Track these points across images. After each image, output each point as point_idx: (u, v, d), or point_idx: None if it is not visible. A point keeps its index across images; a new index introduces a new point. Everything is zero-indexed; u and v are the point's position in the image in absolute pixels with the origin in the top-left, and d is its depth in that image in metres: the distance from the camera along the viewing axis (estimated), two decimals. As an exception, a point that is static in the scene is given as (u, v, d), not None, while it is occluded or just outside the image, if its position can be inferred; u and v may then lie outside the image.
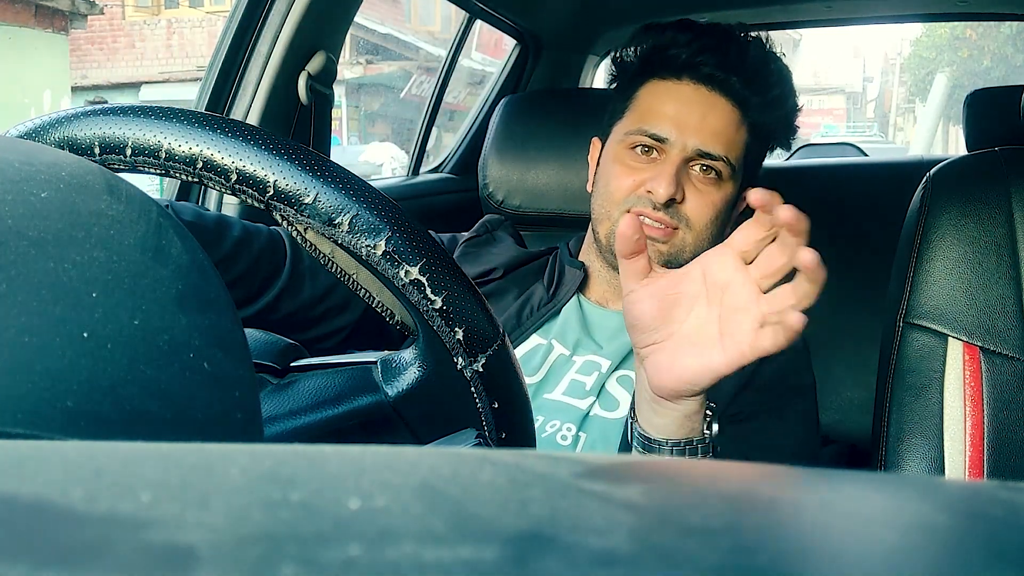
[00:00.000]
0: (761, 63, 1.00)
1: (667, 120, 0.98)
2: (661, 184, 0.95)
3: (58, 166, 0.30)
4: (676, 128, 0.98)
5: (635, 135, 1.00)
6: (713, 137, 0.98)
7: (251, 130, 0.44)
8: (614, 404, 0.97)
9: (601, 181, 1.04)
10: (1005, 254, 1.03)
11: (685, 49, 0.98)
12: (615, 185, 1.00)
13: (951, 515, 0.16)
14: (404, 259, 0.44)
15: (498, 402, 0.49)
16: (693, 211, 0.98)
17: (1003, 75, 19.50)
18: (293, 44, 1.20)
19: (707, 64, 0.98)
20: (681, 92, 0.99)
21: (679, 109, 0.98)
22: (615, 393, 0.98)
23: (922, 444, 1.02)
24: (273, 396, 0.53)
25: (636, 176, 0.99)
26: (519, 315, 1.03)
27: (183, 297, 0.29)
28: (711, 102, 0.98)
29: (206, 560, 0.12)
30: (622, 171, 1.00)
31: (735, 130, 0.99)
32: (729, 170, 0.99)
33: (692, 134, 0.97)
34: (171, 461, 0.16)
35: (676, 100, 0.99)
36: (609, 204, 1.01)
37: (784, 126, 1.04)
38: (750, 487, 0.17)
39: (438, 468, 0.17)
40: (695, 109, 0.98)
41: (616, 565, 0.13)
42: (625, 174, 1.00)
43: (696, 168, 0.98)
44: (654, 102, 1.00)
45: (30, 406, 0.24)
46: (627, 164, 1.00)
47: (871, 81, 35.70)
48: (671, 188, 0.95)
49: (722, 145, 0.98)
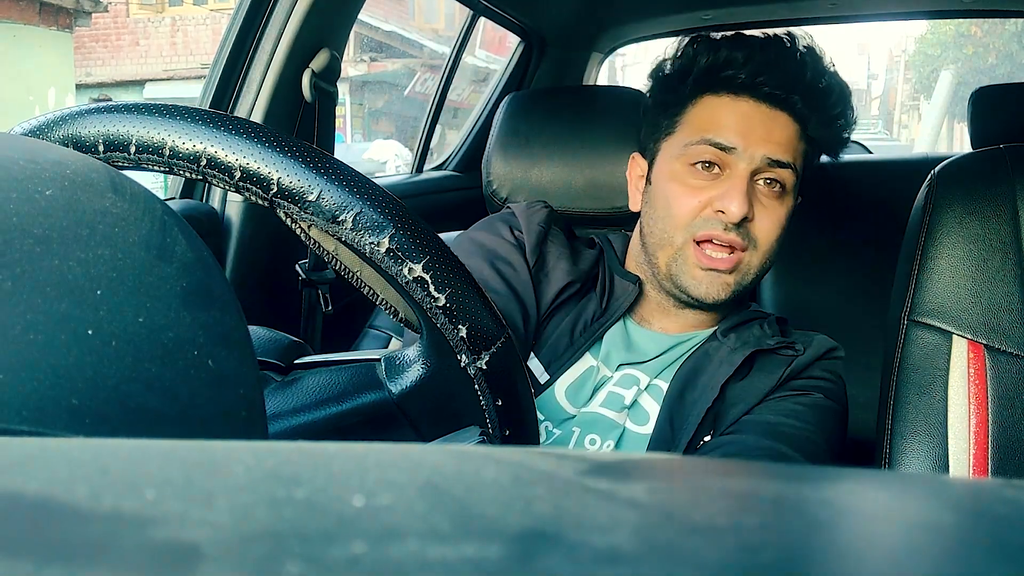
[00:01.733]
0: (819, 78, 0.96)
1: (732, 131, 0.93)
2: (734, 201, 0.90)
3: (62, 164, 0.30)
4: (743, 138, 0.92)
5: (698, 146, 0.93)
6: (780, 146, 0.93)
7: (255, 128, 0.44)
8: (644, 418, 0.94)
9: (659, 203, 0.97)
10: (1010, 252, 1.03)
11: (743, 69, 0.93)
12: (678, 206, 0.94)
13: (956, 513, 0.16)
14: (408, 256, 0.44)
15: (502, 400, 0.49)
16: (762, 230, 0.93)
17: (1008, 72, 19.44)
18: (297, 42, 1.20)
19: (767, 84, 0.93)
20: (741, 108, 0.94)
21: (743, 122, 0.93)
22: (646, 405, 0.95)
23: (926, 442, 1.02)
24: (277, 393, 0.53)
25: (701, 195, 0.92)
26: (572, 332, 0.97)
27: (187, 295, 0.29)
28: (773, 116, 0.94)
29: (210, 557, 0.12)
30: (684, 191, 0.94)
31: (797, 140, 0.95)
32: (794, 180, 0.95)
33: (760, 144, 0.92)
34: (175, 458, 0.16)
35: (738, 114, 0.94)
36: (672, 228, 0.94)
37: (840, 141, 1.01)
38: (754, 485, 0.17)
39: (442, 466, 0.17)
40: (759, 122, 0.93)
41: (620, 563, 0.13)
42: (688, 194, 0.93)
43: (761, 182, 0.93)
44: (714, 115, 0.95)
45: (35, 403, 0.24)
46: (688, 183, 0.94)
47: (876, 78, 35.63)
48: (744, 205, 0.90)
49: (790, 152, 0.94)
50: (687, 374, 0.94)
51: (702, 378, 0.93)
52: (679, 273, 0.95)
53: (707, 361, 0.95)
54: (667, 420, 0.92)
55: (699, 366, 0.95)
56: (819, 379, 0.95)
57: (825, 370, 0.97)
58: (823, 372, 0.96)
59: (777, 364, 0.95)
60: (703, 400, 0.91)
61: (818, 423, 0.91)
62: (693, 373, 0.94)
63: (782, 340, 0.97)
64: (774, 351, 0.96)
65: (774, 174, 0.93)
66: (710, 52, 0.96)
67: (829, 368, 0.97)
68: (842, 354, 1.00)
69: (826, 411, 0.93)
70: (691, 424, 0.90)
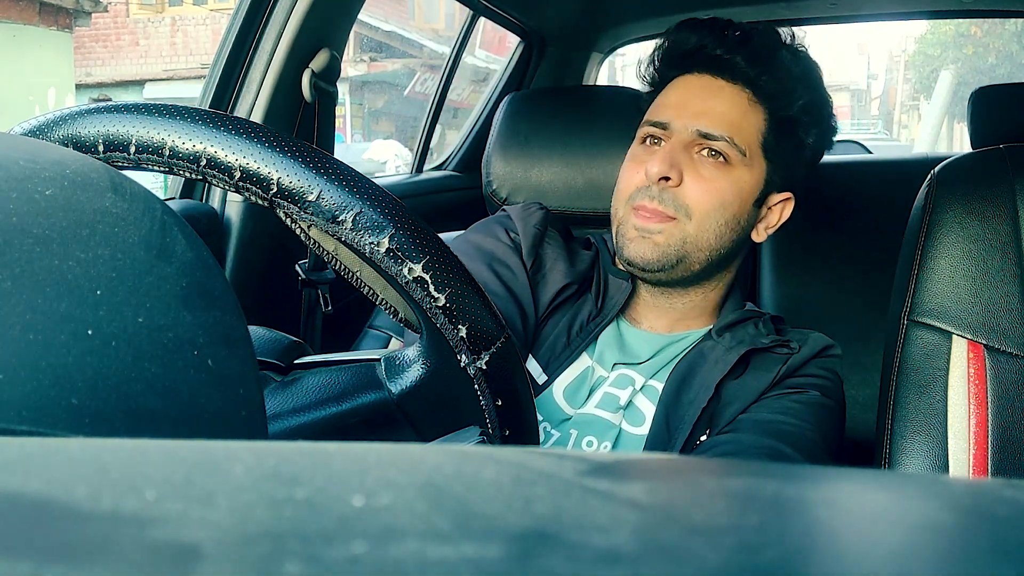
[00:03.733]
0: (770, 46, 0.98)
1: (668, 107, 0.98)
2: (653, 164, 0.93)
3: (62, 164, 0.30)
4: (676, 112, 0.96)
5: (643, 127, 0.99)
6: (715, 118, 0.95)
7: (255, 127, 0.44)
8: (640, 419, 0.95)
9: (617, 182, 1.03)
10: (1010, 252, 1.03)
11: (687, 41, 0.98)
12: (623, 180, 0.99)
13: (956, 513, 0.16)
14: (407, 256, 0.44)
15: (501, 399, 0.49)
16: (693, 196, 0.94)
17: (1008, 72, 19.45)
18: (297, 42, 1.20)
19: (709, 51, 0.96)
20: (688, 83, 0.98)
21: (683, 96, 0.98)
22: (641, 406, 0.96)
23: (926, 442, 1.02)
24: (277, 393, 0.53)
25: (640, 169, 0.96)
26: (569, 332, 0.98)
27: (187, 294, 0.29)
28: (716, 86, 0.97)
29: (210, 557, 0.12)
30: (630, 166, 0.99)
31: (743, 113, 0.96)
32: (737, 153, 0.94)
33: (692, 117, 0.95)
34: (175, 458, 0.16)
35: (682, 90, 0.98)
36: (618, 202, 1.00)
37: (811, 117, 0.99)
38: (754, 485, 0.17)
39: (442, 466, 0.17)
40: (698, 95, 0.97)
41: (620, 563, 0.13)
42: (632, 168, 0.98)
43: (704, 152, 0.95)
44: (663, 97, 1.00)
45: (35, 403, 0.24)
46: (635, 158, 0.99)
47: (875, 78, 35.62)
48: (663, 166, 0.92)
49: (725, 126, 0.94)
50: (682, 374, 0.95)
51: (697, 378, 0.94)
52: (620, 238, 0.98)
53: (702, 361, 0.95)
54: (663, 420, 0.92)
55: (694, 366, 0.95)
56: (815, 377, 0.95)
57: (821, 368, 0.97)
58: (819, 370, 0.96)
59: (773, 362, 0.95)
60: (699, 400, 0.91)
61: (815, 421, 0.91)
62: (688, 373, 0.94)
63: (777, 339, 0.97)
64: (769, 349, 0.96)
65: (707, 145, 0.95)
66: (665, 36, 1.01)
67: (825, 366, 0.97)
68: (838, 352, 1.00)
69: (823, 409, 0.93)
70: (687, 424, 0.91)
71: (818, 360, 0.97)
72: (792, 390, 0.93)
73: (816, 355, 0.97)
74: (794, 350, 0.96)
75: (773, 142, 0.98)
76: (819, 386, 0.95)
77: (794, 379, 0.95)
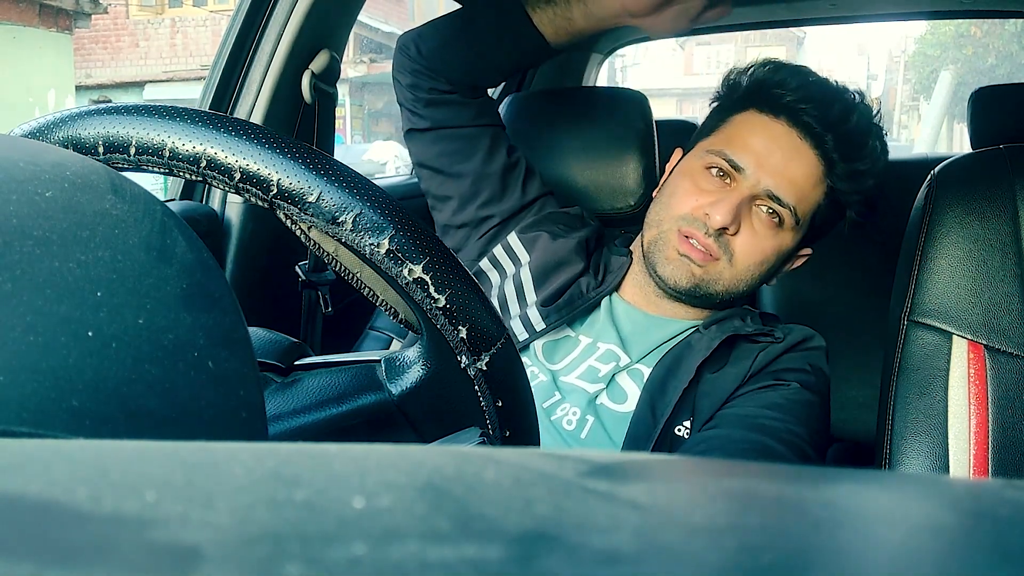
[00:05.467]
0: (861, 132, 0.98)
1: (750, 152, 0.97)
2: (719, 211, 0.94)
3: (62, 165, 0.30)
4: (756, 162, 0.96)
5: (714, 156, 0.98)
6: (789, 184, 0.96)
7: (255, 129, 0.44)
8: (622, 396, 0.97)
9: (667, 191, 1.03)
10: (1010, 252, 1.03)
11: (792, 92, 0.97)
12: (677, 200, 1.00)
13: (956, 514, 0.16)
14: (407, 257, 0.44)
15: (502, 400, 0.49)
16: (741, 247, 0.97)
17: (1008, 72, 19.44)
18: (297, 43, 1.20)
19: (807, 113, 0.96)
20: (774, 130, 0.97)
21: (766, 145, 0.97)
22: (624, 385, 0.98)
23: (926, 442, 1.02)
24: (277, 394, 0.53)
25: (701, 199, 0.97)
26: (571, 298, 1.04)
27: (188, 296, 0.29)
28: (799, 149, 0.97)
29: (210, 559, 0.12)
30: (689, 188, 0.99)
31: (813, 185, 0.97)
32: (793, 221, 0.97)
33: (769, 173, 0.96)
34: (175, 460, 0.16)
35: (766, 136, 0.97)
36: (664, 214, 1.01)
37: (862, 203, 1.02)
38: (755, 486, 0.17)
39: (442, 467, 0.17)
40: (781, 150, 0.96)
41: (621, 564, 0.13)
42: (691, 192, 0.99)
43: (763, 208, 0.97)
44: (744, 131, 0.99)
45: (35, 405, 0.24)
46: (696, 183, 0.99)
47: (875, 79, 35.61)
48: (728, 218, 0.94)
49: (795, 195, 0.96)
50: (669, 363, 0.97)
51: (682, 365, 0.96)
52: (656, 251, 1.01)
53: (689, 351, 0.98)
54: (648, 405, 0.94)
55: (681, 355, 0.98)
56: (796, 370, 0.97)
57: (803, 360, 0.99)
58: (801, 363, 0.98)
59: (752, 351, 0.98)
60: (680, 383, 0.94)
61: (797, 415, 0.93)
62: (675, 362, 0.97)
63: (761, 328, 1.00)
64: (751, 339, 0.99)
65: (771, 206, 0.96)
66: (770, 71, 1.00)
67: (807, 359, 0.99)
68: (821, 344, 1.02)
69: (804, 403, 0.95)
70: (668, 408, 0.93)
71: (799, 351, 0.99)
72: (774, 383, 0.95)
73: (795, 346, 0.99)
74: (777, 340, 0.99)
75: (823, 217, 1.01)
76: (801, 379, 0.96)
77: (775, 370, 0.96)
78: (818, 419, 0.95)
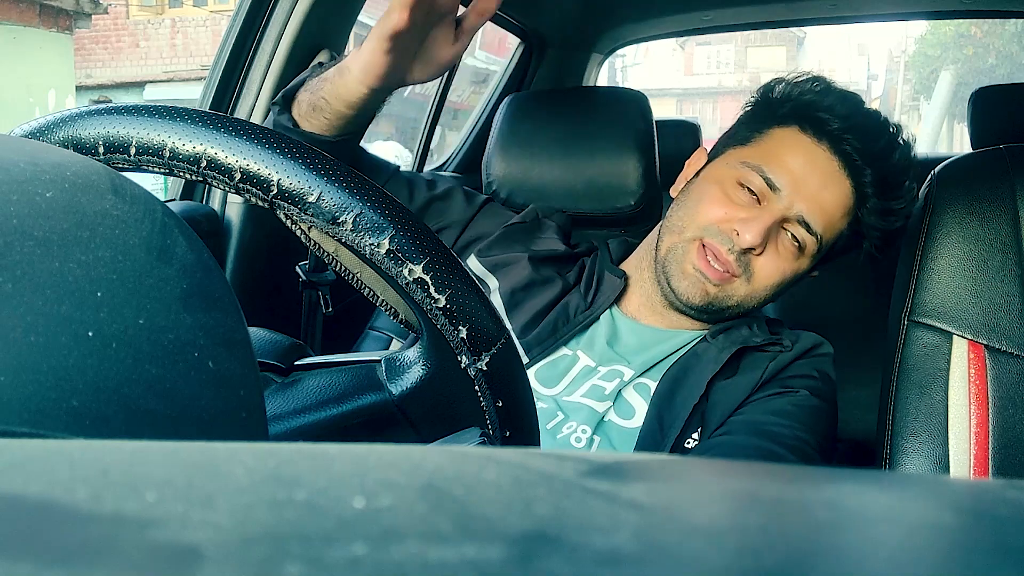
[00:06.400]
0: (900, 170, 0.98)
1: (787, 172, 0.95)
2: (751, 230, 0.93)
3: (63, 166, 0.30)
4: (792, 184, 0.95)
5: (750, 170, 0.96)
6: (821, 211, 0.95)
7: (255, 129, 0.44)
8: (629, 412, 0.95)
9: (693, 195, 1.00)
10: (1010, 252, 1.03)
11: (839, 120, 0.95)
12: (705, 208, 0.97)
13: (957, 514, 0.16)
14: (408, 257, 0.44)
15: (502, 401, 0.49)
16: (762, 268, 0.96)
17: (1008, 72, 19.44)
18: (297, 43, 1.20)
19: (851, 143, 0.95)
20: (814, 153, 0.96)
21: (804, 168, 0.95)
22: (631, 400, 0.96)
23: (927, 442, 1.02)
24: (277, 395, 0.53)
25: (730, 211, 0.95)
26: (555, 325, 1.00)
27: (188, 296, 0.29)
28: (835, 177, 0.95)
29: (211, 559, 0.12)
30: (719, 198, 0.97)
31: (842, 214, 0.97)
32: (815, 249, 0.97)
33: (804, 199, 0.94)
34: (176, 460, 0.16)
35: (806, 158, 0.96)
36: (687, 221, 0.98)
37: (880, 238, 1.01)
38: (755, 486, 0.17)
39: (442, 467, 0.17)
40: (818, 176, 0.95)
41: (621, 565, 0.13)
42: (721, 202, 0.96)
43: (788, 233, 0.96)
44: (784, 148, 0.97)
45: (35, 405, 0.24)
46: (727, 193, 0.97)
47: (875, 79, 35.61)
48: (757, 239, 0.93)
49: (824, 223, 0.96)
50: (676, 374, 0.96)
51: (691, 378, 0.95)
52: (673, 262, 0.98)
53: (696, 361, 0.96)
54: (656, 419, 0.93)
55: (688, 367, 0.96)
56: (805, 377, 0.96)
57: (811, 367, 0.98)
58: (809, 369, 0.97)
59: (762, 360, 0.96)
60: (690, 398, 0.93)
61: (806, 421, 0.92)
62: (682, 373, 0.96)
63: (769, 337, 0.98)
64: (760, 348, 0.97)
65: (798, 232, 0.95)
66: (819, 92, 0.98)
67: (815, 365, 0.99)
68: (829, 350, 1.01)
69: (814, 409, 0.94)
70: (679, 421, 0.92)
71: (808, 359, 0.99)
72: (783, 390, 0.94)
73: (804, 353, 0.98)
74: (786, 348, 0.98)
75: (843, 245, 1.01)
76: (809, 386, 0.96)
77: (784, 378, 0.96)
78: (825, 425, 0.95)
